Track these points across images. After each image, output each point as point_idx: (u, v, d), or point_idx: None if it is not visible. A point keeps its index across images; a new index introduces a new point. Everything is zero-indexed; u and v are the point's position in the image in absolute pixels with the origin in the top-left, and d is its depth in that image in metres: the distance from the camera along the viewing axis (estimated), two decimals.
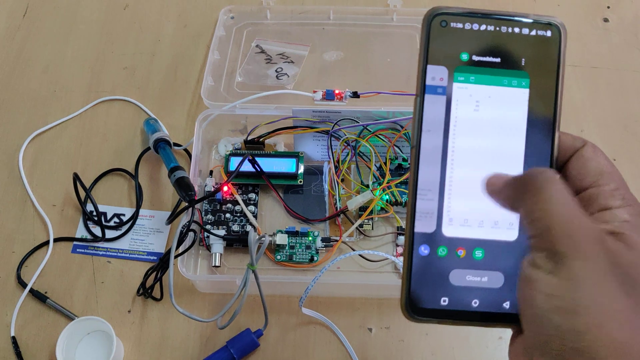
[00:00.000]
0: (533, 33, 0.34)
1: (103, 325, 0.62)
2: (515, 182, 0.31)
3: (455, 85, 0.34)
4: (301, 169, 0.72)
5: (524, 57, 0.34)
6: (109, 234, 0.71)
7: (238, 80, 0.80)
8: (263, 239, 0.57)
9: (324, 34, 0.86)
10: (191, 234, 0.64)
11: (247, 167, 0.69)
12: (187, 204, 0.64)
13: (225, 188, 0.70)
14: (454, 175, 0.34)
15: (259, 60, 0.82)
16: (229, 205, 0.71)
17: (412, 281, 0.33)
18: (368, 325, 0.65)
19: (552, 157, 0.34)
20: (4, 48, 0.86)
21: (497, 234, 0.34)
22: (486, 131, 0.34)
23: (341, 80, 0.81)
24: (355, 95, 0.72)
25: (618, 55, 0.85)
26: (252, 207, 0.71)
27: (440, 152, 0.34)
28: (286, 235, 0.68)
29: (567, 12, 0.89)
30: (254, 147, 0.73)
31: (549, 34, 0.34)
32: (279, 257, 0.68)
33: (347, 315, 0.65)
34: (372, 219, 0.69)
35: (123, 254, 0.70)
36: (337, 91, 0.72)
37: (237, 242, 0.68)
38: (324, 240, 0.68)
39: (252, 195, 0.72)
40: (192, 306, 0.66)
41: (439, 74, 0.34)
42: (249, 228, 0.70)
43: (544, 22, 0.34)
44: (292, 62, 0.82)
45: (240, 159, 0.68)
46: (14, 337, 0.64)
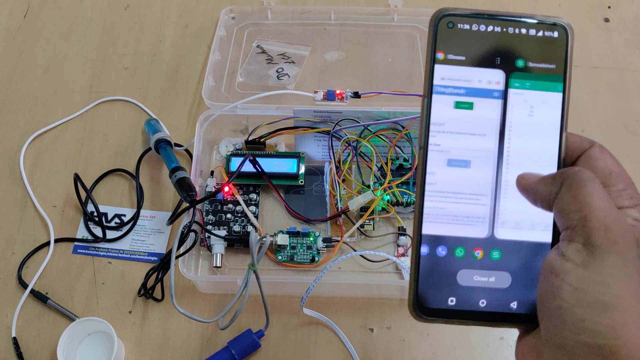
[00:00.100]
0: (540, 34, 0.33)
1: (104, 326, 0.62)
2: (553, 176, 0.31)
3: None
4: (302, 169, 0.72)
5: (530, 58, 0.34)
6: (110, 234, 0.71)
7: (239, 80, 0.80)
8: (264, 239, 0.57)
9: (325, 34, 0.86)
10: (192, 235, 0.64)
11: (248, 167, 0.69)
12: (188, 205, 0.64)
13: (226, 188, 0.70)
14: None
15: (260, 60, 0.82)
16: (230, 205, 0.71)
17: (419, 281, 0.33)
18: (369, 326, 0.65)
19: (560, 158, 0.34)
20: (5, 48, 0.86)
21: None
22: (497, 132, 0.34)
23: (342, 81, 0.81)
24: (356, 95, 0.72)
25: (619, 55, 0.85)
26: (253, 208, 0.71)
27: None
28: (287, 235, 0.68)
29: (568, 12, 0.89)
30: (255, 147, 0.73)
31: (555, 34, 0.34)
32: (280, 257, 0.68)
33: (349, 316, 0.65)
34: (373, 219, 0.69)
35: (124, 255, 0.70)
36: (338, 91, 0.72)
37: (238, 242, 0.68)
38: (325, 240, 0.68)
39: (253, 196, 0.72)
40: (193, 307, 0.66)
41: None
42: (250, 228, 0.70)
43: (550, 22, 0.33)
44: (293, 62, 0.82)
45: (241, 159, 0.68)
46: (15, 338, 0.64)
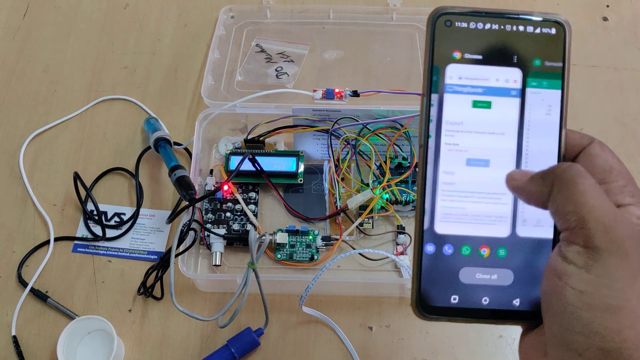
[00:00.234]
0: (538, 31, 0.33)
1: (104, 324, 0.62)
2: (542, 176, 0.30)
3: (452, 84, 0.34)
4: (301, 168, 0.72)
5: (528, 55, 0.34)
6: (110, 233, 0.71)
7: (238, 79, 0.80)
8: (263, 237, 0.57)
9: (323, 33, 0.86)
10: (191, 233, 0.64)
11: (247, 166, 0.69)
12: (187, 203, 0.64)
13: (226, 187, 0.70)
14: (449, 173, 0.34)
15: (259, 59, 0.82)
16: (229, 204, 0.71)
17: (422, 280, 0.33)
18: (368, 324, 0.65)
19: (560, 155, 0.34)
20: (5, 48, 0.86)
21: (490, 231, 0.34)
22: (495, 130, 0.34)
23: (341, 79, 0.81)
24: (355, 94, 0.72)
25: (617, 54, 0.85)
26: (252, 206, 0.71)
27: (433, 152, 0.34)
28: (286, 234, 0.68)
29: (567, 11, 0.89)
30: (254, 146, 0.74)
31: (553, 31, 0.33)
32: (279, 255, 0.68)
33: (348, 314, 0.66)
34: (372, 217, 0.70)
35: (123, 253, 0.70)
36: (337, 90, 0.72)
37: (237, 241, 0.68)
38: (324, 239, 0.68)
39: (253, 194, 0.72)
40: (192, 305, 0.66)
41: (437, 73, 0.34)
42: (249, 227, 0.70)
43: (547, 19, 0.33)
44: (292, 61, 0.82)
45: (241, 158, 0.68)
46: (14, 337, 0.64)
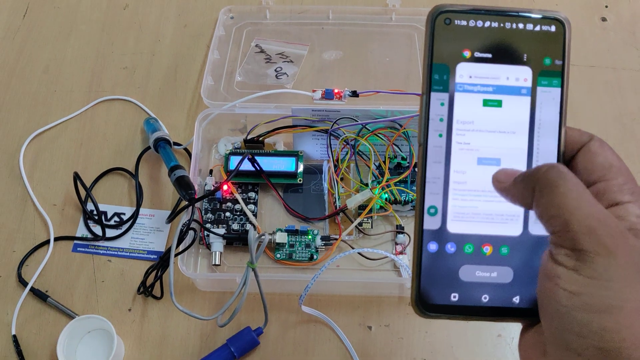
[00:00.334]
0: (537, 29, 0.33)
1: (104, 323, 0.62)
2: (525, 178, 0.30)
3: (457, 83, 0.34)
4: (301, 168, 0.72)
5: (529, 53, 0.34)
6: (110, 232, 0.71)
7: (238, 79, 0.81)
8: (263, 237, 0.57)
9: (323, 33, 0.86)
10: (191, 233, 0.64)
11: (246, 166, 0.69)
12: (187, 203, 0.65)
13: (225, 187, 0.70)
14: (460, 172, 0.34)
15: (259, 59, 0.82)
16: (229, 204, 0.71)
17: (422, 278, 0.33)
18: (368, 323, 0.65)
19: (559, 152, 0.34)
20: (4, 48, 0.86)
21: (502, 230, 0.34)
22: (493, 128, 0.34)
23: (340, 80, 0.81)
24: (355, 94, 0.72)
25: (616, 54, 0.85)
26: (251, 206, 0.71)
27: (444, 151, 0.34)
28: (286, 233, 0.68)
29: (565, 11, 0.87)
30: (253, 146, 0.74)
31: (553, 29, 0.34)
32: (278, 255, 0.68)
33: (347, 313, 0.66)
34: (371, 217, 0.70)
35: (123, 253, 0.70)
36: (336, 90, 0.72)
37: (237, 240, 0.69)
38: (323, 238, 0.68)
39: (252, 194, 0.72)
40: (192, 304, 0.66)
41: (444, 72, 0.34)
42: (248, 227, 0.70)
43: (547, 17, 0.33)
44: (292, 61, 0.82)
45: (240, 158, 0.68)
46: (14, 336, 0.64)
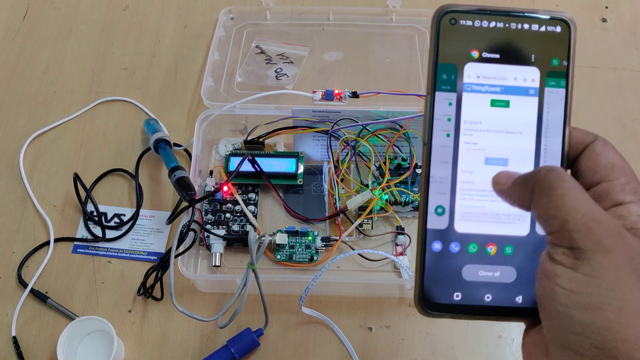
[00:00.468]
0: (543, 29, 0.33)
1: (104, 325, 0.62)
2: (524, 180, 0.30)
3: (465, 84, 0.34)
4: (301, 169, 0.72)
5: (535, 53, 0.34)
6: (110, 234, 0.71)
7: (238, 80, 0.80)
8: (263, 238, 0.57)
9: (323, 34, 0.86)
10: (191, 234, 0.64)
11: (247, 167, 0.69)
12: (187, 204, 0.65)
13: (225, 188, 0.70)
14: (468, 172, 0.34)
15: (259, 60, 0.82)
16: (229, 205, 0.71)
17: (425, 277, 0.33)
18: (368, 324, 0.65)
19: (563, 152, 0.34)
20: (5, 49, 0.86)
21: (509, 229, 0.34)
22: (500, 129, 0.34)
23: (340, 81, 0.81)
24: (355, 95, 0.72)
25: (616, 54, 0.85)
26: (252, 207, 0.71)
27: (452, 150, 0.34)
28: (286, 234, 0.68)
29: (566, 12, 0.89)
30: (253, 147, 0.74)
31: (559, 29, 0.34)
32: (279, 256, 0.68)
33: (347, 314, 0.66)
34: (371, 218, 0.70)
35: (123, 254, 0.70)
36: (336, 91, 0.72)
37: (237, 241, 0.69)
38: (323, 239, 0.68)
39: (252, 195, 0.72)
40: (192, 306, 0.66)
41: (451, 72, 0.34)
42: (249, 228, 0.70)
43: (552, 17, 0.33)
44: (292, 62, 0.82)
45: (240, 159, 0.68)
46: (14, 337, 0.64)
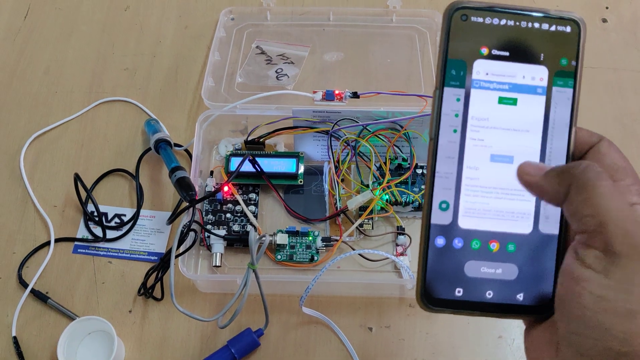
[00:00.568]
0: (553, 29, 0.34)
1: (104, 325, 0.62)
2: (559, 174, 0.30)
3: (473, 80, 0.34)
4: (301, 169, 0.72)
5: (544, 52, 0.34)
6: (110, 234, 0.71)
7: (238, 81, 0.81)
8: (263, 238, 0.57)
9: (324, 34, 0.86)
10: (192, 234, 0.64)
11: (247, 167, 0.69)
12: (187, 204, 0.65)
13: (226, 188, 0.70)
14: (473, 168, 0.34)
15: (259, 61, 0.82)
16: (230, 205, 0.71)
17: (427, 272, 0.33)
18: (368, 325, 0.65)
19: (569, 152, 0.34)
20: (5, 49, 0.86)
21: (512, 227, 0.34)
22: (507, 126, 0.34)
23: (341, 81, 0.81)
24: (355, 95, 0.72)
25: (617, 55, 0.85)
26: (252, 207, 0.71)
27: (458, 146, 0.34)
28: (286, 235, 0.68)
29: None
30: (254, 147, 0.74)
31: (568, 29, 0.34)
32: (279, 256, 0.68)
33: (348, 315, 0.66)
34: (372, 218, 0.70)
35: (124, 254, 0.70)
36: (337, 91, 0.72)
37: (237, 242, 0.69)
38: (324, 239, 0.68)
39: (253, 195, 0.72)
40: (193, 306, 0.66)
41: (460, 68, 0.34)
42: (249, 228, 0.70)
43: (562, 17, 0.34)
44: (292, 62, 0.82)
45: (241, 159, 0.68)
46: (15, 337, 0.64)
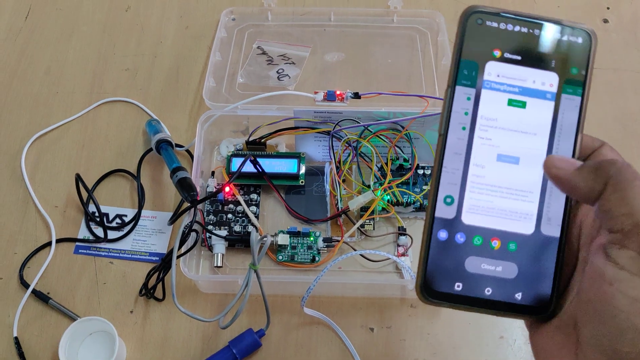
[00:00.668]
0: (565, 38, 0.35)
1: (105, 325, 0.62)
2: (594, 170, 0.30)
3: (485, 81, 0.35)
4: (302, 170, 0.72)
5: (555, 60, 0.35)
6: (111, 234, 0.71)
7: (239, 81, 0.81)
8: (265, 239, 0.57)
9: (324, 35, 0.86)
10: (193, 235, 0.64)
11: (248, 167, 0.69)
12: (189, 205, 0.65)
13: (227, 189, 0.70)
14: (480, 166, 0.35)
15: (261, 61, 0.82)
16: (231, 205, 0.71)
17: (428, 264, 0.34)
18: (370, 325, 0.65)
19: (574, 157, 0.35)
20: (6, 50, 0.86)
21: (515, 226, 0.35)
22: (515, 128, 0.35)
23: (342, 81, 0.81)
24: (356, 96, 0.72)
25: (617, 55, 0.85)
26: (253, 208, 0.71)
27: (466, 143, 0.35)
28: (288, 235, 0.68)
29: (567, 13, 0.90)
30: (255, 147, 0.74)
31: (579, 40, 0.35)
32: (280, 257, 0.68)
33: (349, 315, 0.66)
34: (373, 219, 0.70)
35: (125, 255, 0.70)
36: (338, 92, 0.72)
37: (238, 242, 0.69)
38: (325, 240, 0.68)
39: (254, 196, 0.72)
40: (194, 306, 0.66)
41: (472, 68, 0.35)
42: (250, 228, 0.70)
43: (578, 28, 0.35)
44: (294, 63, 0.82)
45: (242, 159, 0.68)
46: (16, 338, 0.64)
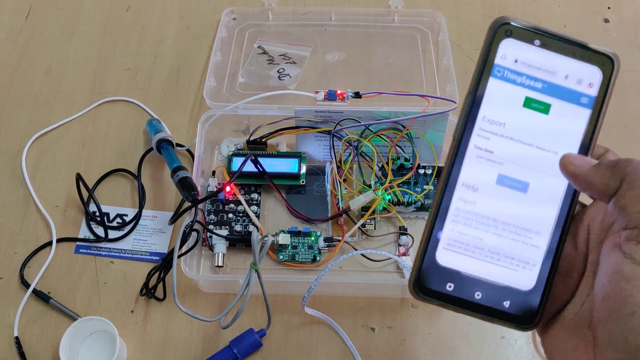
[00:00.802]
0: (589, 59, 0.35)
1: (106, 325, 0.62)
2: (611, 167, 0.30)
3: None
4: (303, 169, 0.72)
5: (576, 78, 0.35)
6: (112, 234, 0.71)
7: (240, 81, 0.81)
8: (266, 238, 0.57)
9: (325, 34, 0.86)
10: (194, 234, 0.64)
11: (249, 167, 0.69)
12: (189, 204, 0.64)
13: (228, 188, 0.70)
14: (473, 187, 0.35)
15: (261, 61, 0.82)
16: (232, 205, 0.71)
17: (424, 261, 0.35)
18: (371, 325, 0.65)
19: None
20: (7, 49, 0.86)
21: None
22: (528, 141, 0.35)
23: (343, 81, 0.81)
24: (357, 95, 0.72)
25: (618, 55, 0.85)
26: (254, 207, 0.71)
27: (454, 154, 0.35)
28: (289, 235, 0.68)
29: (568, 13, 0.90)
30: (256, 147, 0.74)
31: (602, 62, 0.36)
32: (281, 257, 0.68)
33: (350, 315, 0.66)
34: (374, 218, 0.70)
35: (126, 254, 0.70)
36: (339, 91, 0.72)
37: (239, 242, 0.69)
38: (326, 240, 0.68)
39: (255, 196, 0.72)
40: (195, 306, 0.66)
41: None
42: (251, 228, 0.70)
43: (602, 52, 0.36)
44: (294, 62, 0.82)
45: (243, 159, 0.68)
46: (17, 338, 0.64)
